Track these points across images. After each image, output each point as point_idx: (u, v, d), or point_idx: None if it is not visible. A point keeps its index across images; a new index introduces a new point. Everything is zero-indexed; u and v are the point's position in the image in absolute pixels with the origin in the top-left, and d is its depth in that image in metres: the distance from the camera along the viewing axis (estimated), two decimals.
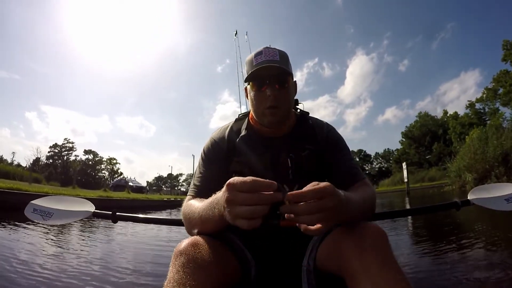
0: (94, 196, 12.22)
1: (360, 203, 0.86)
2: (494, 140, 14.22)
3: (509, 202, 1.39)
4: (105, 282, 2.16)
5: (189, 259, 0.73)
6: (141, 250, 3.64)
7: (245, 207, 0.63)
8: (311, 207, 0.66)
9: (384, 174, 53.07)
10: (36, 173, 28.12)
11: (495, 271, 2.17)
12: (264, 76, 1.01)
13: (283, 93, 1.02)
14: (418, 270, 2.33)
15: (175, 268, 0.72)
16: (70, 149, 54.73)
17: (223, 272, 0.77)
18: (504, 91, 26.69)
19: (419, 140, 44.21)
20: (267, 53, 1.02)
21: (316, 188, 0.67)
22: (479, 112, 32.37)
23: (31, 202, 1.58)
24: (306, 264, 0.91)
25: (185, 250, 0.75)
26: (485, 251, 2.79)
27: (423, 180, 31.21)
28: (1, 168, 19.89)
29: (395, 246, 3.30)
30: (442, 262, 2.56)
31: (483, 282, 2.00)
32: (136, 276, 2.35)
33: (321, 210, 0.66)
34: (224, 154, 1.11)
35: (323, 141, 1.11)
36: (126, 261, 2.96)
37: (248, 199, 0.63)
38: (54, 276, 2.23)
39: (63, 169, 50.78)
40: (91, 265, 2.64)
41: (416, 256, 2.86)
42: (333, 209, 0.68)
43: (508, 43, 25.26)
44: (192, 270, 0.70)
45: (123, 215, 1.51)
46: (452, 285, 1.99)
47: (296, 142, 1.08)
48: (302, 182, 0.97)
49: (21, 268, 2.39)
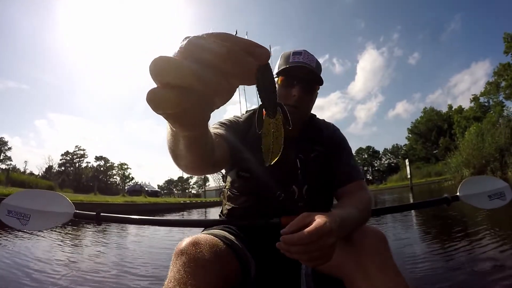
0: (121, 201, 13.28)
1: (356, 217, 0.84)
2: (489, 137, 14.55)
3: (491, 199, 1.42)
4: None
5: (190, 259, 0.72)
6: (138, 250, 3.63)
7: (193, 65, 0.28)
8: (309, 249, 0.63)
9: (393, 170, 52.81)
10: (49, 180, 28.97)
11: (501, 272, 2.06)
12: (296, 76, 1.02)
13: (308, 98, 1.04)
14: (417, 270, 2.28)
15: (175, 267, 0.71)
16: (82, 156, 55.66)
17: (223, 271, 0.76)
18: (506, 85, 26.76)
19: (425, 135, 44.24)
20: (306, 56, 1.04)
21: (312, 230, 0.63)
22: (483, 106, 32.38)
23: (3, 202, 1.38)
24: (305, 268, 0.91)
25: (186, 249, 0.74)
26: (490, 248, 2.69)
27: (430, 175, 31.26)
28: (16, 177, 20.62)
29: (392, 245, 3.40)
30: (440, 260, 2.53)
31: (485, 281, 1.94)
32: (135, 277, 2.37)
33: (319, 250, 0.64)
34: (240, 134, 1.06)
35: (329, 142, 1.11)
36: (125, 263, 2.92)
37: (194, 45, 0.29)
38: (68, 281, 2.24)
39: (75, 176, 51.77)
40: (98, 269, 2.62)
41: (414, 254, 2.81)
42: (331, 247, 0.66)
43: (509, 35, 25.22)
44: (193, 269, 0.70)
45: (108, 216, 1.40)
46: (453, 285, 1.94)
47: (305, 143, 1.08)
48: (311, 184, 1.03)
49: (36, 275, 2.39)
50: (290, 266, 0.96)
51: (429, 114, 45.23)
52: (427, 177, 30.83)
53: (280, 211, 0.97)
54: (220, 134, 0.94)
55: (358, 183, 1.04)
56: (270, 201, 1.00)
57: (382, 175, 59.09)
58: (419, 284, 1.98)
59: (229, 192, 1.09)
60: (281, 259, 0.92)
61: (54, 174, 48.70)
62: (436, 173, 30.48)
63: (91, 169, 56.32)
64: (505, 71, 26.89)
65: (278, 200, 1.00)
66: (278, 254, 0.90)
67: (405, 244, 3.28)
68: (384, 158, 64.30)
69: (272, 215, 0.96)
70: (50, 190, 1.32)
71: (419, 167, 38.45)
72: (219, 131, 0.95)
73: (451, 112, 40.67)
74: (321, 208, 0.91)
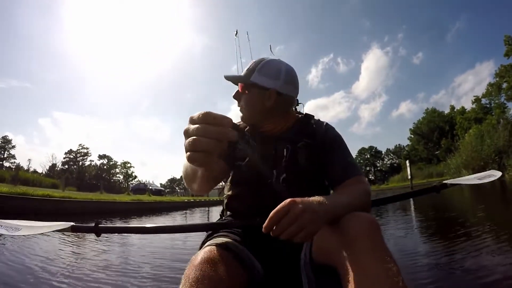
0: (128, 199, 13.63)
1: (350, 201, 0.89)
2: (488, 139, 14.76)
3: (480, 179, 1.46)
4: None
5: (204, 276, 0.75)
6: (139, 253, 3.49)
7: (190, 138, 0.57)
8: (291, 232, 0.71)
9: (395, 170, 52.99)
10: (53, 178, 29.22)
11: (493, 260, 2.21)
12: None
13: (243, 99, 1.18)
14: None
15: (188, 282, 0.74)
16: (85, 155, 56.13)
17: (234, 285, 0.80)
18: (508, 86, 26.83)
19: (427, 136, 44.32)
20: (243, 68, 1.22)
21: (278, 208, 0.73)
22: (485, 107, 32.45)
23: None
24: (303, 257, 0.93)
25: (200, 266, 0.77)
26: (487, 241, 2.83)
27: (431, 176, 31.37)
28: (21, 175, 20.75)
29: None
30: (436, 251, 2.67)
31: (481, 273, 2.02)
32: (137, 278, 2.36)
33: (301, 229, 0.71)
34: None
35: (321, 138, 1.14)
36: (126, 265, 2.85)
37: (196, 130, 0.57)
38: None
39: (78, 174, 52.08)
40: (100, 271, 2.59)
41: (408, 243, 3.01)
42: (312, 222, 0.72)
43: (510, 38, 25.32)
44: (206, 287, 0.72)
45: (108, 227, 1.37)
46: (448, 275, 2.04)
47: (295, 137, 1.13)
48: (294, 173, 1.08)
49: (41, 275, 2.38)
50: (290, 260, 0.97)
51: (431, 115, 45.31)
52: (429, 178, 30.93)
53: (272, 195, 0.99)
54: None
55: (356, 178, 1.05)
56: (261, 188, 1.08)
57: (384, 176, 59.15)
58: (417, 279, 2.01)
59: (229, 183, 1.20)
60: (283, 256, 1.00)
61: (58, 172, 49.04)
62: (437, 173, 30.57)
63: (94, 168, 56.78)
64: (506, 72, 26.97)
65: (268, 185, 1.07)
66: (277, 248, 0.98)
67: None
68: (386, 159, 64.46)
69: (265, 201, 0.98)
70: (47, 222, 1.15)
71: (421, 167, 38.58)
72: None
73: (453, 113, 40.78)
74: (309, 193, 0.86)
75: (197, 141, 0.55)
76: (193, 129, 0.57)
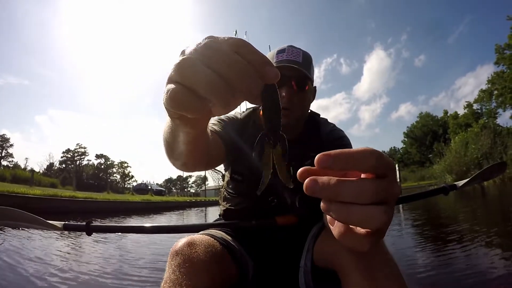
0: (138, 199, 14.58)
1: None
2: (473, 145, 15.48)
3: (486, 176, 1.39)
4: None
5: (185, 259, 0.71)
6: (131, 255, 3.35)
7: (191, 60, 0.31)
8: (366, 189, 0.32)
9: None
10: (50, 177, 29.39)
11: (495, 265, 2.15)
12: (282, 76, 0.79)
13: (299, 96, 0.96)
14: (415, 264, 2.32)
15: (171, 268, 0.71)
16: (83, 154, 56.08)
17: (220, 272, 0.75)
18: (497, 94, 27.56)
19: (420, 140, 45.18)
20: (290, 52, 0.97)
21: (370, 151, 0.33)
22: (476, 113, 33.08)
23: None
24: (303, 265, 0.89)
25: (181, 250, 0.74)
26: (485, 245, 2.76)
27: (423, 179, 32.30)
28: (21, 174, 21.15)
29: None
30: (439, 255, 2.58)
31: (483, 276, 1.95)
32: (135, 280, 2.30)
33: (382, 196, 0.33)
34: (237, 133, 1.02)
35: (327, 145, 1.04)
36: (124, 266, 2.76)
37: (213, 52, 0.31)
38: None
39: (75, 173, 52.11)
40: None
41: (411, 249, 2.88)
42: (396, 198, 0.35)
43: (500, 47, 26.02)
44: (189, 270, 0.69)
45: (99, 226, 1.33)
46: (452, 280, 1.96)
47: (301, 149, 0.97)
48: (302, 192, 0.82)
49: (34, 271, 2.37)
50: (287, 265, 0.95)
51: (424, 119, 46.32)
52: (420, 181, 31.95)
53: (274, 214, 0.96)
54: (217, 131, 0.93)
55: None
56: (263, 205, 0.99)
57: None
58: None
59: (226, 192, 1.10)
60: (279, 258, 0.96)
61: (55, 171, 49.21)
62: (429, 176, 31.23)
63: (92, 167, 56.88)
64: (498, 79, 27.65)
65: (271, 205, 0.99)
66: (275, 254, 0.95)
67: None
68: None
69: (266, 217, 0.95)
70: (40, 218, 1.15)
71: (414, 170, 39.44)
72: (216, 128, 0.94)
73: (447, 118, 41.58)
74: (318, 212, 0.70)
75: (207, 71, 0.30)
76: (205, 50, 0.32)
